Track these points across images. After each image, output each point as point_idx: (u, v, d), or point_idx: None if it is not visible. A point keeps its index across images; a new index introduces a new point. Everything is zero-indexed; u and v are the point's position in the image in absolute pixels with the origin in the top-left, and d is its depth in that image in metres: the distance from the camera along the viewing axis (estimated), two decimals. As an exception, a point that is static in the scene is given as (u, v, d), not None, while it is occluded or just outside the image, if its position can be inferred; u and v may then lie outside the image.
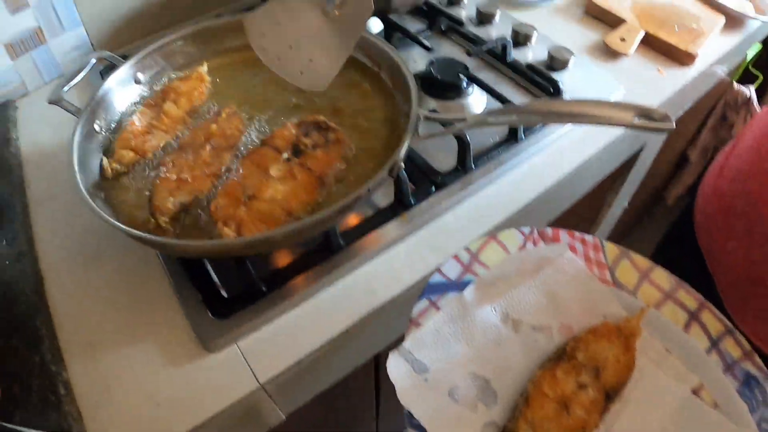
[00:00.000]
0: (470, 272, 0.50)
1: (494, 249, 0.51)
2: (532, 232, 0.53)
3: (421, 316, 0.46)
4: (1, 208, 0.67)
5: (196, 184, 0.54)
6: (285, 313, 0.54)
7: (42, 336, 0.55)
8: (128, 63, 0.64)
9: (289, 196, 0.52)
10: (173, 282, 0.55)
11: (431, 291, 0.48)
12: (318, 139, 0.57)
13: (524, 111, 0.52)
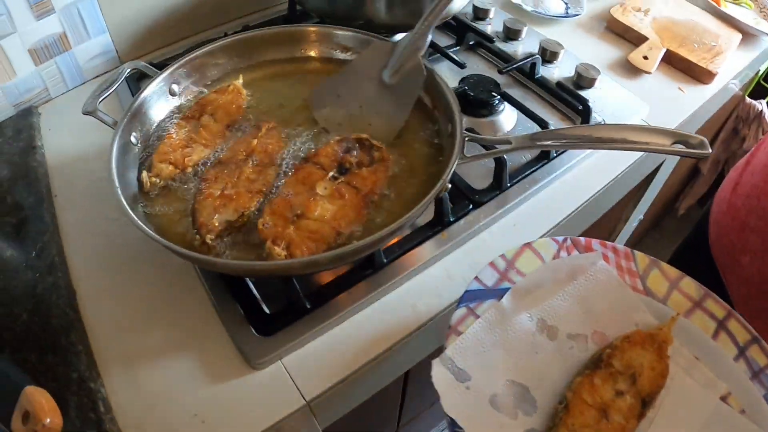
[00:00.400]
0: (506, 279, 0.50)
1: (529, 257, 0.52)
2: (565, 241, 0.53)
3: (460, 324, 0.46)
4: (29, 219, 0.66)
5: (242, 201, 0.53)
6: (329, 329, 0.53)
7: (78, 352, 0.54)
8: (163, 74, 0.63)
9: (338, 215, 0.52)
10: (213, 297, 0.54)
11: (469, 298, 0.48)
12: (362, 158, 0.56)
13: (566, 136, 0.53)
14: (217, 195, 0.54)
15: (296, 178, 0.55)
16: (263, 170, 0.56)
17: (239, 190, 0.55)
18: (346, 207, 0.52)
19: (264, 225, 0.51)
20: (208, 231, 0.51)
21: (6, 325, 0.57)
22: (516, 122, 0.73)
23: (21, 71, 0.75)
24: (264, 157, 0.57)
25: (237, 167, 0.56)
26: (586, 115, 0.72)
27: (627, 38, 0.91)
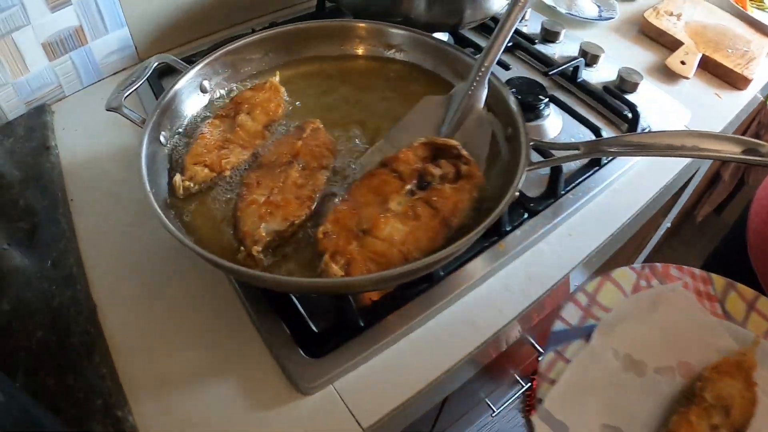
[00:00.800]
0: (590, 316, 0.49)
1: (610, 289, 0.51)
2: (643, 269, 0.53)
3: (550, 370, 0.46)
4: (43, 224, 0.59)
5: (291, 208, 0.47)
6: (384, 349, 0.47)
7: (103, 375, 0.47)
8: (194, 69, 0.57)
9: (409, 239, 0.44)
10: (254, 314, 0.48)
11: (556, 341, 0.47)
12: (448, 170, 0.49)
13: (633, 143, 0.49)
14: (262, 202, 0.48)
15: (368, 185, 0.48)
16: (312, 174, 0.50)
17: (287, 197, 0.48)
18: (420, 230, 0.45)
19: (325, 234, 0.44)
20: (254, 242, 0.45)
21: (20, 343, 0.50)
22: (561, 128, 0.68)
23: (34, 66, 0.69)
24: (311, 160, 0.51)
25: (282, 171, 0.50)
26: (634, 122, 0.67)
27: (661, 42, 0.87)
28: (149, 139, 0.51)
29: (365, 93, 0.59)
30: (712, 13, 0.92)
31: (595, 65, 0.77)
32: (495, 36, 0.54)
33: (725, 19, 0.92)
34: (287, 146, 0.52)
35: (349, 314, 0.46)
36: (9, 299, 0.54)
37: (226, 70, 0.59)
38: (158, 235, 0.57)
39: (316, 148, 0.52)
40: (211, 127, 0.55)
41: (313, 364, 0.45)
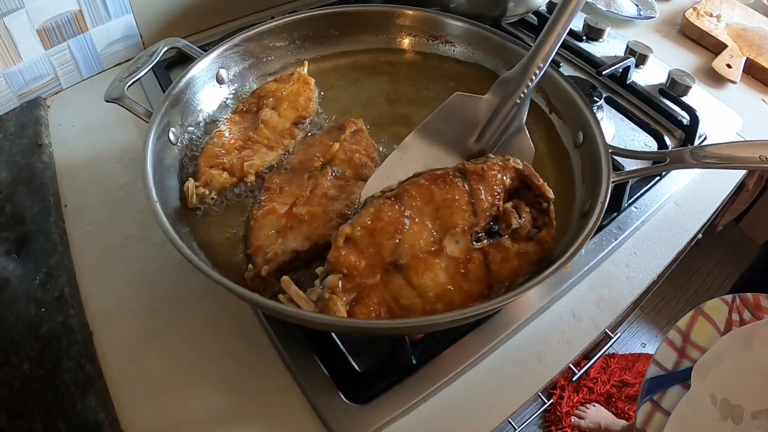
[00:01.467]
0: (685, 357, 0.44)
1: (703, 325, 0.45)
2: (734, 300, 0.46)
3: (648, 423, 0.40)
4: (32, 234, 0.48)
5: (316, 225, 0.37)
6: (439, 392, 0.38)
7: (100, 422, 0.38)
8: (211, 54, 0.47)
9: (443, 296, 0.33)
10: (285, 350, 0.38)
11: (652, 389, 0.41)
12: (526, 224, 0.36)
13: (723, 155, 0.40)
14: (282, 213, 0.38)
15: (433, 192, 0.35)
16: (346, 186, 0.41)
17: (313, 210, 0.39)
18: (459, 291, 0.34)
19: (347, 242, 0.33)
20: (266, 260, 0.35)
21: (2, 377, 0.41)
22: (614, 133, 0.59)
23: (27, 55, 0.59)
24: (348, 167, 0.42)
25: (311, 177, 0.41)
26: (692, 129, 0.59)
27: (703, 44, 0.79)
28: (156, 136, 0.42)
29: (408, 89, 0.50)
30: (750, 15, 0.85)
31: (642, 66, 0.68)
32: (550, 25, 0.42)
33: (764, 23, 0.84)
34: (320, 148, 0.43)
35: (402, 352, 0.36)
36: (-11, 323, 0.44)
37: (246, 59, 0.50)
38: (166, 250, 0.47)
39: (356, 155, 0.42)
40: (229, 123, 0.45)
41: (357, 410, 0.36)
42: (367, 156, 0.43)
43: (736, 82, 0.73)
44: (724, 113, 0.67)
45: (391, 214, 0.34)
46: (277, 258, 0.36)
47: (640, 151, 0.46)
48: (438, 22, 0.52)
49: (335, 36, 0.52)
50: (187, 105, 0.46)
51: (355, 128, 0.45)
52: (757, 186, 1.15)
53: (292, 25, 0.50)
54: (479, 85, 0.51)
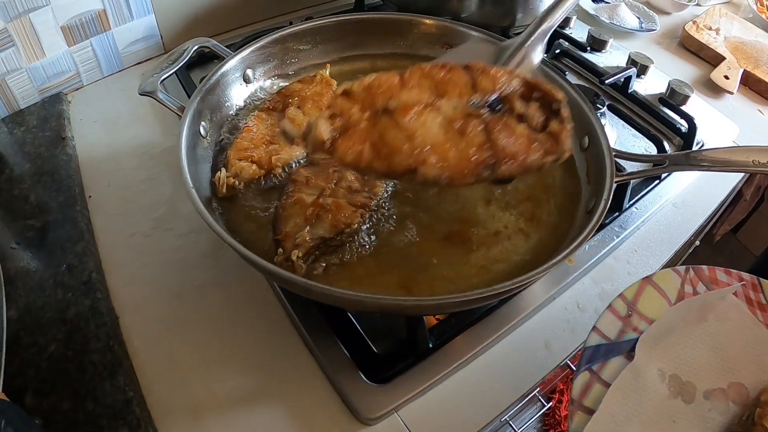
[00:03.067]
0: (630, 328, 0.41)
1: (652, 295, 0.43)
2: (687, 271, 0.45)
3: (585, 395, 0.37)
4: (57, 223, 0.51)
5: (342, 214, 0.41)
6: (454, 374, 0.41)
7: (128, 400, 0.40)
8: (241, 54, 0.51)
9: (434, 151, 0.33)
10: (307, 333, 0.41)
11: (591, 358, 0.38)
12: (534, 115, 0.36)
13: (719, 159, 0.44)
14: (310, 202, 0.42)
15: (429, 73, 0.36)
16: (369, 179, 0.44)
17: (338, 200, 0.42)
18: (455, 151, 0.33)
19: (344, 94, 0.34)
20: (295, 245, 0.39)
21: (28, 358, 0.43)
22: (616, 139, 0.63)
23: (51, 51, 0.62)
24: None
25: (337, 171, 0.44)
26: (690, 136, 0.63)
27: (702, 56, 0.84)
28: (189, 130, 0.45)
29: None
30: (748, 29, 0.90)
31: (643, 76, 0.72)
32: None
33: (761, 36, 0.89)
34: None
35: (420, 335, 0.39)
36: (17, 306, 0.46)
37: (272, 60, 0.53)
38: (189, 239, 0.50)
39: None
40: (257, 120, 0.49)
41: (377, 390, 0.38)
42: None
43: (733, 93, 0.78)
44: (721, 122, 0.71)
45: (391, 80, 0.36)
46: (306, 243, 0.39)
47: (641, 155, 0.50)
48: (453, 31, 0.56)
49: (355, 41, 0.56)
50: (217, 101, 0.49)
51: None
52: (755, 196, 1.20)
53: (315, 30, 0.54)
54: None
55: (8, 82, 0.60)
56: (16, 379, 0.41)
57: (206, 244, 0.49)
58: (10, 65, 0.59)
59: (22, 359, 0.43)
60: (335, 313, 0.42)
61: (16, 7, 0.56)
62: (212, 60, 0.66)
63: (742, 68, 0.80)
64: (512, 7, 0.64)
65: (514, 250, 0.42)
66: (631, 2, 0.91)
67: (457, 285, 0.39)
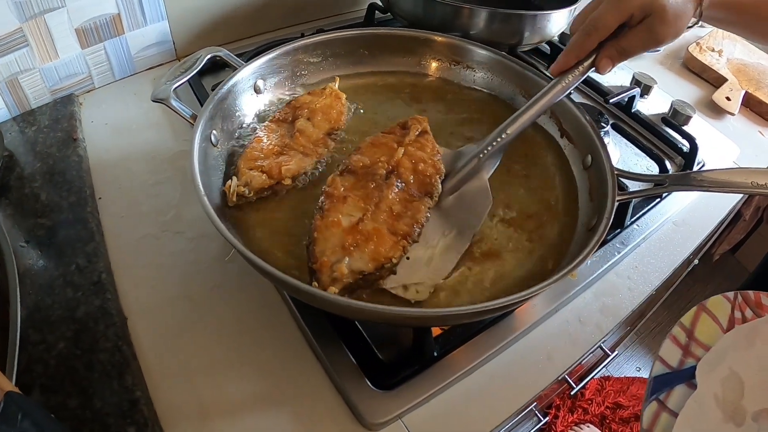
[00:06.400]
0: (690, 355, 0.45)
1: (706, 322, 0.47)
2: (736, 297, 0.49)
3: (655, 425, 0.41)
4: (67, 222, 0.53)
5: (383, 246, 0.38)
6: (457, 382, 0.43)
7: (136, 400, 0.42)
8: (250, 66, 0.53)
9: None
10: (315, 340, 0.43)
11: (658, 388, 0.42)
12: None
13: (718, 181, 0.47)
14: (348, 226, 0.39)
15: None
16: (411, 202, 0.42)
17: (379, 227, 0.40)
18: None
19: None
20: (332, 279, 0.37)
21: (37, 355, 0.45)
22: (619, 157, 0.66)
23: (64, 53, 0.64)
24: (413, 178, 0.43)
25: (377, 187, 0.42)
26: (691, 156, 0.66)
27: (704, 77, 0.87)
28: (201, 138, 0.47)
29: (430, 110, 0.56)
30: (751, 51, 0.93)
31: (647, 96, 0.75)
32: (527, 107, 0.48)
33: (763, 59, 0.93)
34: (384, 151, 0.45)
35: (426, 344, 0.41)
36: (26, 304, 0.48)
37: (282, 72, 0.56)
38: (198, 244, 0.52)
39: (421, 165, 0.44)
40: (267, 130, 0.51)
41: (382, 396, 0.40)
42: (433, 167, 0.45)
43: (734, 114, 0.81)
44: (722, 143, 0.74)
45: None
46: (343, 279, 0.37)
47: (643, 174, 0.53)
48: (462, 48, 0.58)
49: (365, 55, 0.58)
50: (229, 110, 0.51)
51: (420, 129, 0.47)
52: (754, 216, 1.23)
53: (326, 43, 0.56)
54: (493, 109, 0.58)
55: (21, 82, 0.62)
56: (23, 376, 0.43)
57: (215, 249, 0.51)
58: (24, 65, 0.61)
59: (30, 356, 0.44)
60: (342, 321, 0.43)
61: (32, 7, 0.59)
62: (224, 68, 0.68)
63: (744, 90, 0.83)
64: (520, 27, 0.66)
65: (517, 265, 0.44)
66: (635, 22, 0.95)
67: (461, 298, 0.41)
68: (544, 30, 0.68)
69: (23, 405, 0.33)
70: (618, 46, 0.46)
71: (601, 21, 0.44)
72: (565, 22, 0.72)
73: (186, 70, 0.51)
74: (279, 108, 0.54)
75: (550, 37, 0.71)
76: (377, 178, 0.43)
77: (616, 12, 0.43)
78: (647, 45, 0.46)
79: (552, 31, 0.70)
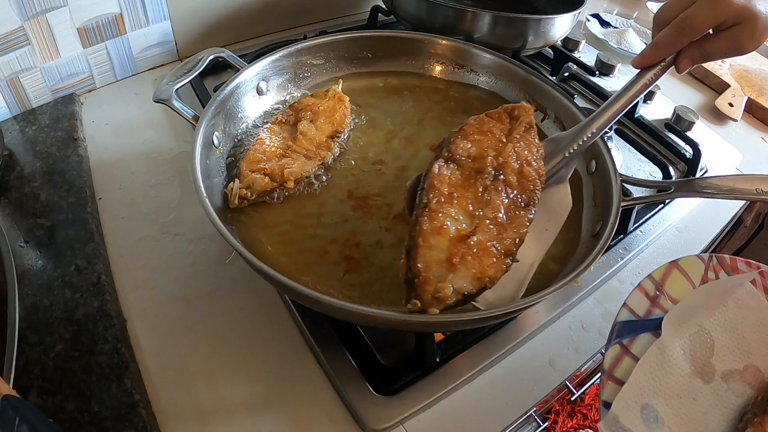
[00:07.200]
0: (657, 307, 0.45)
1: (678, 278, 0.47)
2: (711, 259, 0.49)
3: (616, 366, 0.41)
4: (67, 223, 0.53)
5: (487, 264, 0.34)
6: (459, 389, 0.43)
7: (135, 403, 0.41)
8: (252, 68, 0.53)
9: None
10: (316, 343, 0.43)
11: (622, 332, 0.42)
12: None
13: (723, 187, 0.47)
14: (455, 235, 0.34)
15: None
16: (516, 213, 0.37)
17: (484, 242, 0.35)
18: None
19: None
20: (435, 299, 0.33)
21: (34, 356, 0.44)
22: (622, 163, 0.66)
23: (66, 52, 0.64)
24: (518, 185, 0.38)
25: (485, 190, 0.37)
26: (694, 162, 0.66)
27: (707, 83, 0.87)
28: (203, 139, 0.47)
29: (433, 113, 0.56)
30: (753, 58, 0.94)
31: (650, 102, 0.75)
32: (610, 103, 0.47)
33: (766, 65, 0.93)
34: (492, 142, 0.40)
35: (428, 349, 0.41)
36: (24, 305, 0.47)
37: (285, 73, 0.56)
38: (199, 245, 0.52)
39: (527, 168, 0.39)
40: (269, 132, 0.51)
41: (384, 402, 0.40)
42: (537, 171, 0.41)
43: (737, 120, 0.81)
44: (725, 149, 0.74)
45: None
46: (447, 300, 0.33)
47: (647, 180, 0.53)
48: (465, 52, 0.58)
49: (368, 58, 0.58)
50: (231, 111, 0.51)
51: (527, 121, 0.43)
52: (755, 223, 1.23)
53: (329, 45, 0.56)
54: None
55: (22, 81, 0.62)
56: (21, 378, 0.42)
57: (216, 251, 0.51)
58: (25, 64, 0.61)
59: (27, 357, 0.44)
60: (344, 325, 0.43)
61: (33, 6, 0.59)
62: (226, 69, 0.68)
63: (747, 96, 0.83)
64: (524, 31, 0.66)
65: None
66: (639, 28, 0.95)
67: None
68: (548, 34, 0.69)
69: (21, 409, 0.33)
70: (702, 48, 0.45)
71: (696, 21, 0.43)
72: (569, 27, 0.72)
73: (188, 70, 0.51)
74: (282, 110, 0.54)
75: (554, 41, 0.72)
76: (485, 178, 0.38)
77: (712, 14, 0.42)
78: (729, 52, 0.45)
79: (555, 36, 0.70)
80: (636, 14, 1.02)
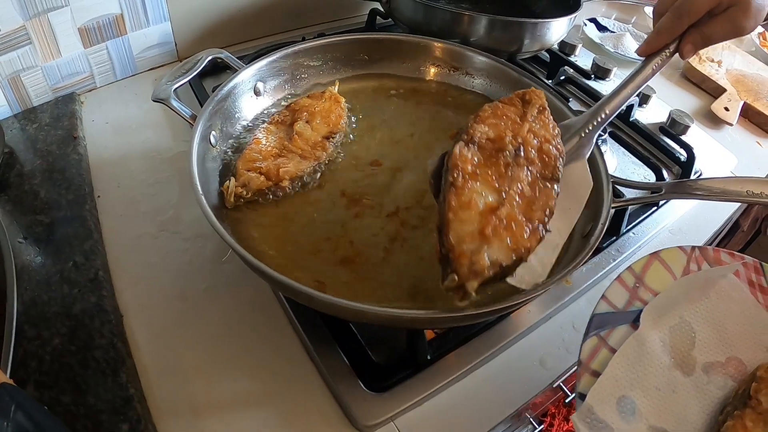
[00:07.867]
0: (637, 299, 0.44)
1: (658, 270, 0.46)
2: (693, 251, 0.48)
3: (592, 358, 0.40)
4: (65, 220, 0.54)
5: (519, 236, 0.34)
6: (449, 386, 0.44)
7: (129, 397, 0.42)
8: (253, 66, 0.54)
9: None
10: (308, 340, 0.44)
11: (599, 324, 0.42)
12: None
13: (715, 189, 0.47)
14: (484, 208, 0.35)
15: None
16: (540, 187, 0.38)
17: (514, 214, 0.35)
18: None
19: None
20: (473, 272, 0.32)
21: (32, 350, 0.45)
22: (617, 165, 0.66)
23: (67, 52, 0.65)
24: (540, 161, 0.39)
25: (508, 167, 0.38)
26: (688, 165, 0.67)
27: (704, 88, 0.88)
28: (200, 138, 0.48)
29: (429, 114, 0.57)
30: (750, 62, 0.95)
31: (645, 105, 0.76)
32: (621, 87, 0.49)
33: (762, 70, 0.94)
34: (508, 124, 0.40)
35: (420, 347, 0.42)
36: (22, 299, 0.48)
37: (282, 74, 0.57)
38: (195, 243, 0.53)
39: (546, 145, 0.39)
40: (266, 132, 0.52)
41: (375, 398, 0.41)
42: (557, 148, 0.41)
43: (732, 125, 0.81)
44: (720, 152, 0.75)
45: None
46: (484, 273, 0.33)
47: (638, 182, 0.53)
48: (462, 55, 0.59)
49: (365, 60, 0.59)
50: (228, 111, 0.52)
51: (540, 104, 0.44)
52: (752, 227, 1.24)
53: (327, 47, 0.57)
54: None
55: (23, 79, 0.63)
56: (18, 370, 0.43)
57: (212, 249, 0.52)
58: (26, 62, 0.62)
59: (25, 351, 0.45)
60: (337, 322, 0.44)
61: (35, 5, 0.60)
62: (224, 70, 0.69)
63: (743, 100, 0.84)
64: (520, 34, 0.67)
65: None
66: (635, 32, 0.96)
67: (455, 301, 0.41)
68: (544, 38, 0.70)
69: (17, 397, 0.33)
70: (702, 32, 0.46)
71: (694, 5, 0.44)
72: (565, 31, 0.73)
73: (187, 71, 0.52)
74: (278, 110, 0.55)
75: (550, 45, 0.73)
76: (507, 156, 0.39)
77: None
78: (729, 34, 0.46)
79: (552, 39, 0.71)
80: (634, 19, 1.03)
